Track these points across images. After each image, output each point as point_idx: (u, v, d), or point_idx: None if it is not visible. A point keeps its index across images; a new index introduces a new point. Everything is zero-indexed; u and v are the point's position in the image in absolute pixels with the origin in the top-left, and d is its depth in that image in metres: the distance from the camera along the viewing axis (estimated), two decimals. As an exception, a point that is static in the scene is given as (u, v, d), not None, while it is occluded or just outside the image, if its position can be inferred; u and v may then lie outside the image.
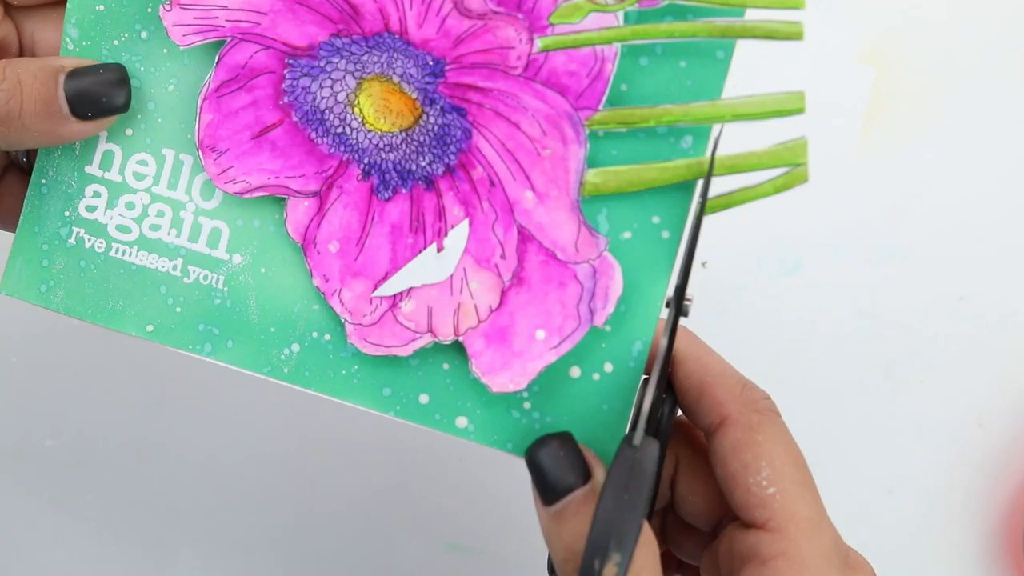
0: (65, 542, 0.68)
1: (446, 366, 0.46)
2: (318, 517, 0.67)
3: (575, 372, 0.46)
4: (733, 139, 0.44)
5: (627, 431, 0.45)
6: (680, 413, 0.47)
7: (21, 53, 0.48)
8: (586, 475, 0.43)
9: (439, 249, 0.46)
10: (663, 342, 0.44)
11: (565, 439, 0.44)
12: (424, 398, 0.46)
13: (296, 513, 0.67)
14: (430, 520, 0.67)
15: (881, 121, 0.65)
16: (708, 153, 0.44)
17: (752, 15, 0.43)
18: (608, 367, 0.45)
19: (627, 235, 0.45)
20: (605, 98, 0.44)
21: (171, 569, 0.68)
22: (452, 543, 0.66)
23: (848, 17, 0.65)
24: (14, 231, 0.50)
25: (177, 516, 0.68)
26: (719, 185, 0.44)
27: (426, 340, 0.46)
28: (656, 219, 0.45)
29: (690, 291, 0.44)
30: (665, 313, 0.45)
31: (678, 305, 0.44)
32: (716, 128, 0.44)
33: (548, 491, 0.43)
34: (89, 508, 0.68)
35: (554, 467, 0.43)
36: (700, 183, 0.44)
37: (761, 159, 0.44)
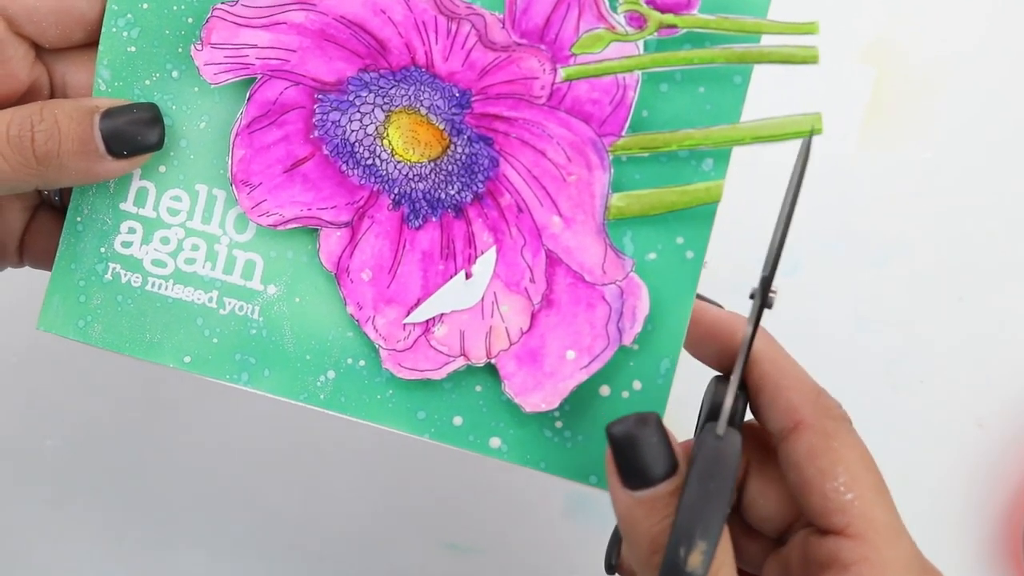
0: (65, 542, 0.68)
1: (479, 388, 0.48)
2: (318, 517, 0.68)
3: (605, 391, 0.47)
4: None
5: (701, 424, 0.46)
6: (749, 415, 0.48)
7: (52, 95, 0.50)
8: (675, 465, 0.43)
9: (467, 276, 0.47)
10: (747, 332, 0.44)
11: (657, 424, 0.43)
12: (458, 420, 0.48)
13: (296, 513, 0.68)
14: (430, 520, 0.67)
15: (881, 121, 0.66)
16: (799, 157, 0.44)
17: (768, 40, 0.44)
18: (637, 385, 0.47)
19: (652, 256, 0.46)
20: (627, 124, 0.45)
21: (171, 569, 0.68)
22: (452, 543, 0.67)
23: (848, 17, 0.66)
24: (47, 269, 0.51)
25: (176, 516, 0.68)
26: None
27: (459, 363, 0.47)
28: (680, 240, 0.46)
29: (776, 283, 0.44)
30: (749, 305, 0.45)
31: (763, 297, 0.44)
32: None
33: (635, 475, 0.43)
34: (89, 508, 0.68)
35: (646, 453, 0.43)
36: (796, 171, 0.44)
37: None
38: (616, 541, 0.51)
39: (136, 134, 0.47)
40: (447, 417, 0.48)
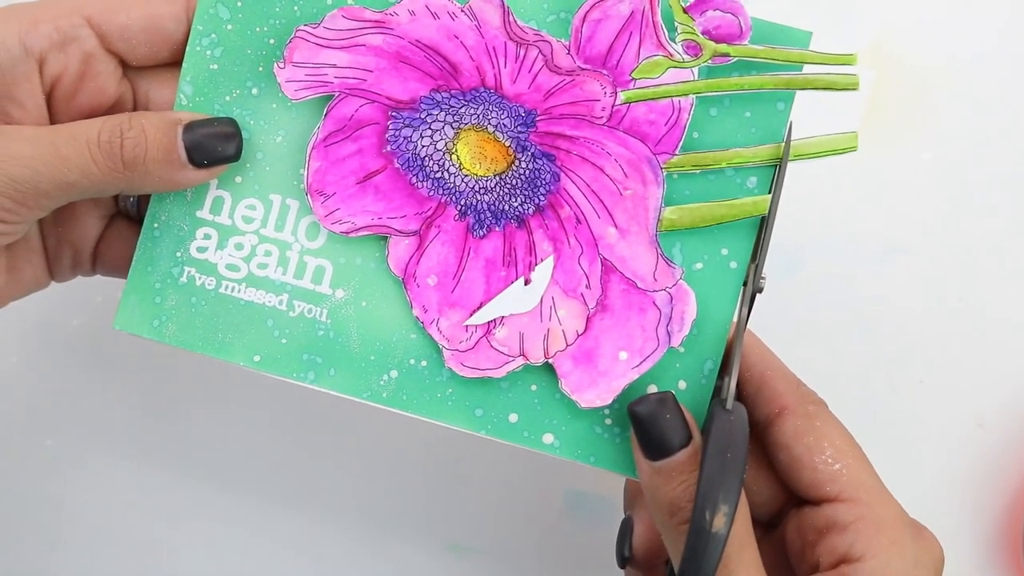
0: (65, 542, 0.69)
1: (534, 387, 0.51)
2: (318, 517, 0.68)
3: (652, 390, 0.51)
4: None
5: (711, 400, 0.50)
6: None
7: (136, 110, 0.53)
8: (689, 436, 0.48)
9: (527, 282, 0.51)
10: (742, 316, 0.49)
11: (672, 402, 0.48)
12: (513, 417, 0.51)
13: (296, 513, 0.68)
14: (430, 520, 0.68)
15: (880, 122, 0.66)
16: (785, 140, 0.50)
17: (809, 69, 0.49)
18: (682, 384, 0.51)
19: (699, 266, 0.50)
20: (681, 144, 0.50)
21: (170, 569, 0.69)
22: (452, 543, 0.68)
23: (848, 18, 0.66)
24: (119, 276, 0.54)
25: (176, 516, 0.69)
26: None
27: (518, 363, 0.51)
28: (725, 251, 0.50)
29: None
30: (741, 292, 0.50)
31: (755, 282, 0.50)
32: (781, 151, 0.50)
33: (654, 448, 0.48)
34: (89, 508, 0.69)
35: (662, 425, 0.48)
36: (775, 176, 0.50)
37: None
38: (625, 534, 0.54)
39: (216, 146, 0.50)
40: (503, 414, 0.51)
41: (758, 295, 0.50)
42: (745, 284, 0.51)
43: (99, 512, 0.68)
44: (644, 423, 0.48)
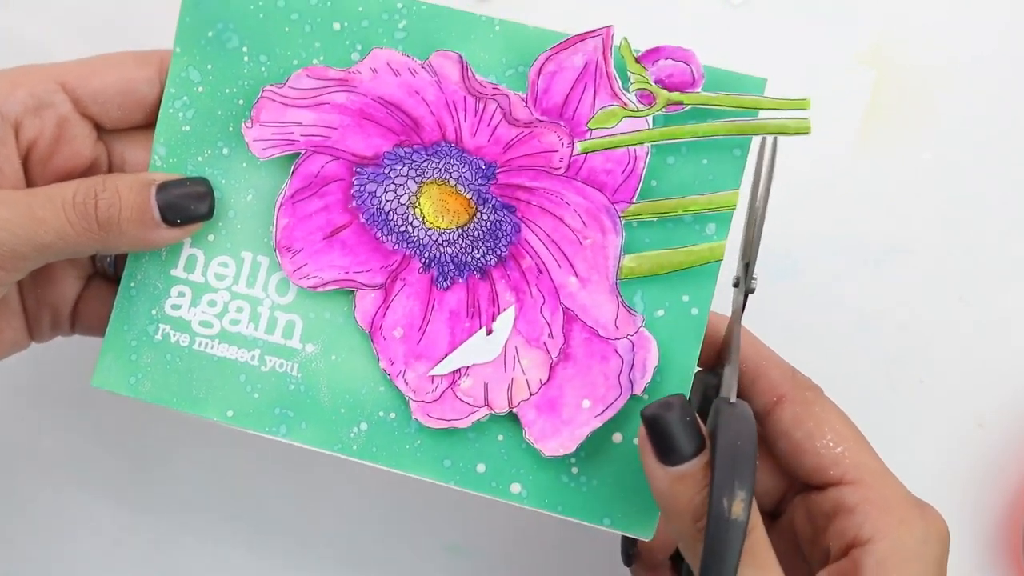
0: (64, 542, 0.69)
1: (500, 437, 0.51)
2: (317, 518, 0.68)
3: (617, 438, 0.51)
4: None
5: (716, 399, 0.49)
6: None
7: (111, 172, 0.54)
8: (703, 441, 0.46)
9: (488, 332, 0.51)
10: (737, 318, 0.50)
11: (684, 406, 0.47)
12: (481, 467, 0.51)
13: (295, 514, 0.68)
14: (430, 521, 0.67)
15: (881, 122, 0.66)
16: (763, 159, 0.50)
17: (764, 115, 0.49)
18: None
19: (660, 312, 0.50)
20: (638, 192, 0.50)
21: (170, 569, 0.69)
22: (451, 544, 0.68)
23: (848, 18, 0.65)
24: (97, 335, 0.55)
25: (176, 516, 0.69)
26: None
27: (483, 413, 0.51)
28: (685, 298, 0.50)
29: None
30: (733, 293, 0.51)
31: (747, 283, 0.50)
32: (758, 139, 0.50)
33: (672, 453, 0.46)
34: (90, 508, 0.69)
35: (680, 432, 0.46)
36: (763, 179, 0.50)
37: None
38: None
39: (188, 205, 0.51)
40: (471, 465, 0.51)
41: (751, 295, 0.51)
42: (737, 285, 0.51)
43: (99, 513, 0.69)
44: (659, 428, 0.46)
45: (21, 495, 0.68)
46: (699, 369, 0.52)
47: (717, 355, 0.53)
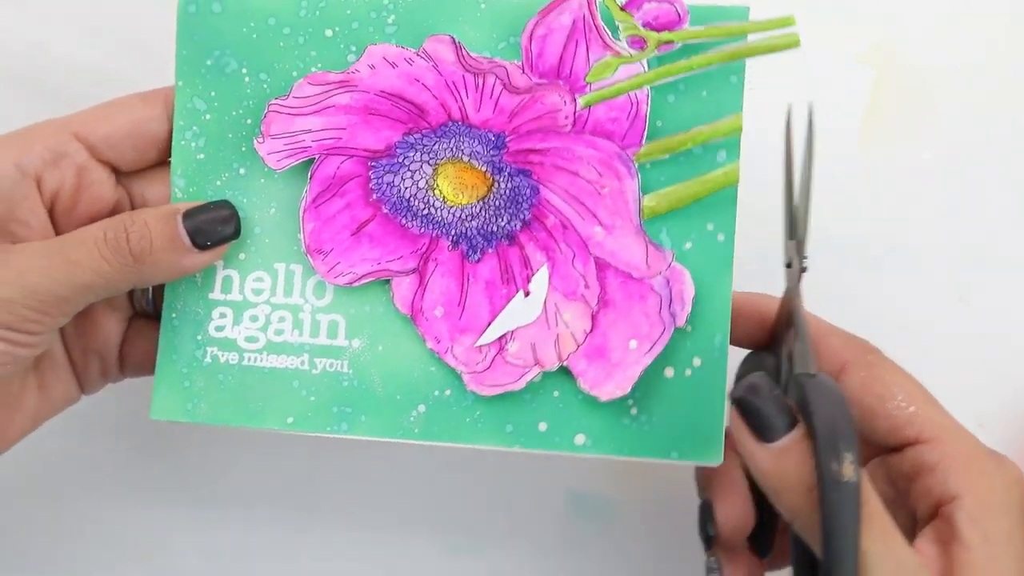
0: (65, 543, 0.69)
1: (556, 393, 0.53)
2: (317, 518, 0.68)
3: (669, 372, 0.52)
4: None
5: (795, 375, 0.49)
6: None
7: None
8: (793, 414, 0.47)
9: (526, 294, 0.53)
10: (796, 295, 0.50)
11: (769, 382, 0.47)
12: (543, 426, 0.53)
13: (296, 514, 0.68)
14: (430, 520, 0.67)
15: (881, 121, 0.66)
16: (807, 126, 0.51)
17: (753, 38, 0.51)
18: (696, 361, 0.52)
19: (688, 245, 0.52)
20: (645, 134, 0.52)
21: (169, 569, 0.68)
22: (452, 543, 0.68)
23: (848, 17, 0.66)
24: (147, 374, 0.56)
25: (176, 517, 0.69)
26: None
27: (535, 372, 0.52)
28: (710, 226, 0.52)
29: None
30: (786, 274, 0.51)
31: (800, 262, 0.51)
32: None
33: (769, 430, 0.46)
34: (90, 508, 0.69)
35: (772, 407, 0.46)
36: (802, 155, 0.51)
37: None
38: (706, 516, 0.55)
39: (216, 228, 0.53)
40: (532, 425, 0.53)
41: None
42: (789, 266, 0.51)
43: (99, 512, 0.69)
44: (752, 407, 0.47)
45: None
46: (750, 352, 0.52)
47: (768, 335, 0.54)
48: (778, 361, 0.52)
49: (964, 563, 0.47)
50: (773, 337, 0.53)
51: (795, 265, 0.51)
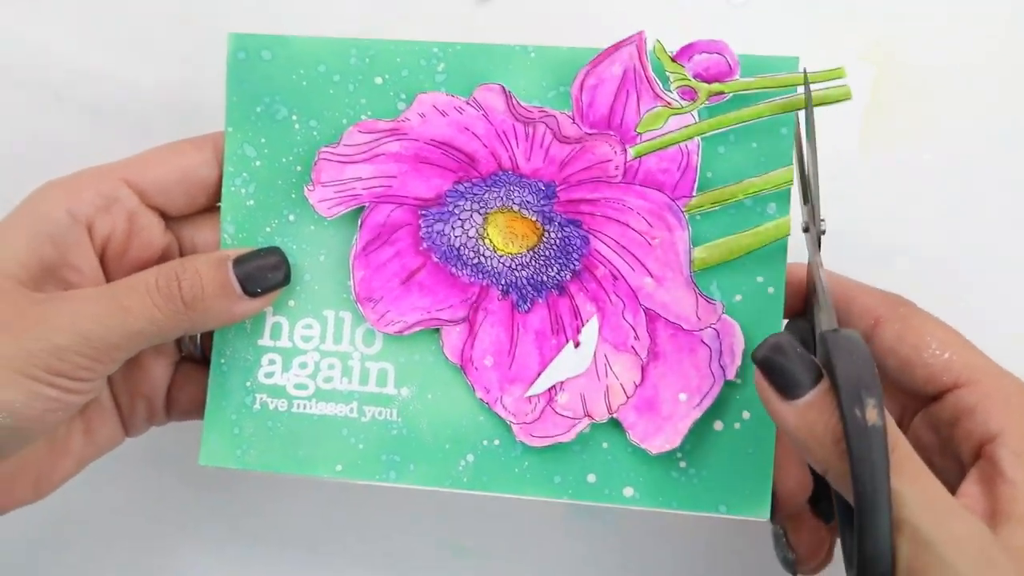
0: (64, 543, 0.69)
1: (605, 445, 0.53)
2: (318, 518, 0.68)
3: (718, 425, 0.52)
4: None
5: (820, 333, 0.48)
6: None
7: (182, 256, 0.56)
8: (819, 369, 0.47)
9: (576, 345, 0.53)
10: (816, 258, 0.50)
11: (792, 340, 0.47)
12: (591, 477, 0.53)
13: (296, 513, 0.68)
14: (433, 521, 0.67)
15: (881, 121, 0.66)
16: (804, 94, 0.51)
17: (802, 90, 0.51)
18: (746, 415, 0.52)
19: (738, 297, 0.52)
20: (696, 185, 0.52)
21: (169, 569, 0.69)
22: (452, 543, 0.68)
23: (848, 17, 0.65)
24: (194, 418, 0.57)
25: (177, 516, 0.69)
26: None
27: (584, 423, 0.52)
28: (760, 278, 0.52)
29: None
30: (805, 239, 0.51)
31: (816, 225, 0.51)
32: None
33: (794, 387, 0.46)
34: (90, 509, 0.69)
35: (796, 364, 0.46)
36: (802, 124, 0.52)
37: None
38: (782, 541, 0.55)
39: (266, 274, 0.53)
40: (581, 476, 0.53)
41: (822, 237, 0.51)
42: (807, 230, 0.51)
43: (98, 513, 0.69)
44: (775, 366, 0.47)
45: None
46: (787, 320, 0.53)
47: (803, 301, 0.54)
48: (811, 325, 0.52)
49: (1008, 498, 0.46)
50: (806, 303, 0.53)
51: (812, 229, 0.51)
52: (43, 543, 0.69)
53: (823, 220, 0.51)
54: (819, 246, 0.51)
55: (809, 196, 0.51)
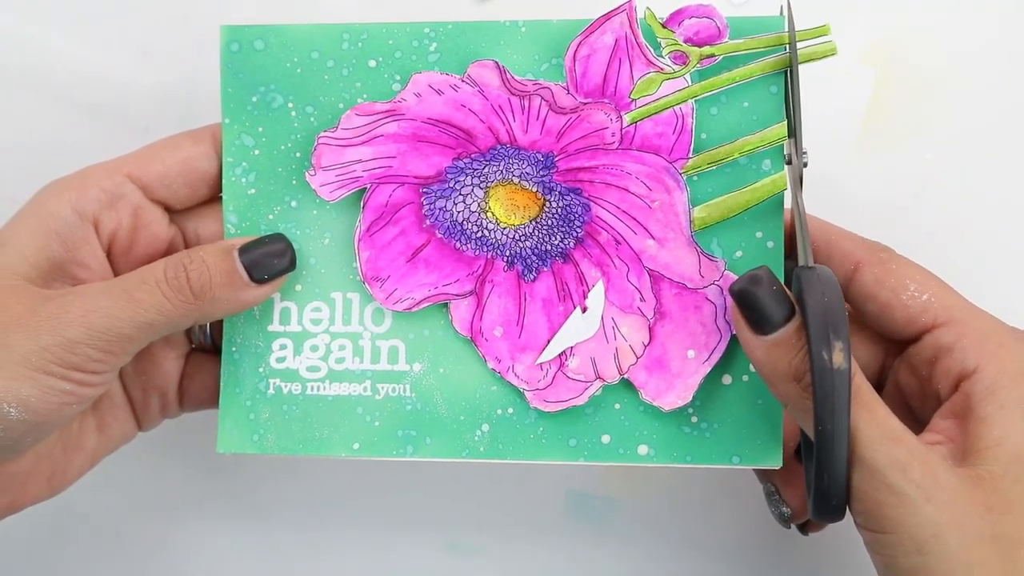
0: (66, 543, 0.69)
1: (618, 406, 0.54)
2: (318, 517, 0.68)
3: (727, 379, 0.54)
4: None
5: (793, 266, 0.51)
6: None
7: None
8: (791, 305, 0.48)
9: (583, 310, 0.54)
10: (797, 189, 0.52)
11: (770, 276, 0.49)
12: (606, 438, 0.54)
13: (296, 513, 0.68)
14: (430, 520, 0.68)
15: (881, 121, 0.66)
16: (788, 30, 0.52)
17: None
18: (752, 368, 0.53)
19: (739, 254, 0.53)
20: (692, 147, 0.53)
21: (170, 569, 0.69)
22: (452, 543, 0.68)
23: (849, 18, 0.66)
24: (208, 407, 0.57)
25: (178, 517, 0.69)
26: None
27: (596, 386, 0.54)
28: (759, 234, 0.53)
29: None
30: (788, 170, 0.53)
31: (799, 158, 0.52)
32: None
33: (764, 322, 0.48)
34: (92, 509, 0.69)
35: (771, 301, 0.48)
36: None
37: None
38: (774, 498, 0.56)
39: (272, 261, 0.54)
40: (596, 438, 0.54)
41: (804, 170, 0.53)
42: (790, 163, 0.53)
43: (100, 513, 0.69)
44: (749, 301, 0.49)
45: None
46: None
47: (791, 241, 0.55)
48: (795, 262, 0.53)
49: (977, 434, 0.48)
50: (790, 242, 0.54)
51: (795, 161, 0.52)
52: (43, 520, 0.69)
53: (805, 153, 0.52)
54: (801, 180, 0.52)
55: (792, 129, 0.53)
